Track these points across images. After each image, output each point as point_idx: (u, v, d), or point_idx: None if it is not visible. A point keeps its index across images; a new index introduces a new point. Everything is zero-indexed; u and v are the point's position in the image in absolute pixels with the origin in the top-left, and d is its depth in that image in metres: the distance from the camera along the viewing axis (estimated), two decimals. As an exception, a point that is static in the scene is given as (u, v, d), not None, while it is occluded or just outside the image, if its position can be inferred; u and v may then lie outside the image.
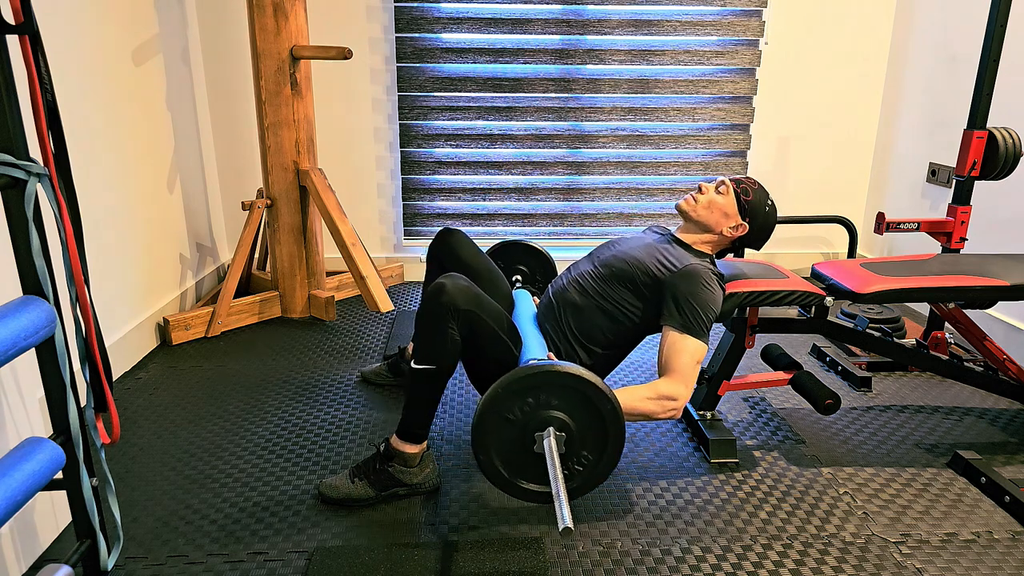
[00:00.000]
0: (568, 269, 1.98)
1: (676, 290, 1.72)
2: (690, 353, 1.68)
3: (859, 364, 2.54)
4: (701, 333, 1.69)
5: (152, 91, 2.70)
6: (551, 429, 1.50)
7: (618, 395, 1.61)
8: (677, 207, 1.91)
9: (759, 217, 1.86)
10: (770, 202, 1.87)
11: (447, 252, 2.09)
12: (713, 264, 1.87)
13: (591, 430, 1.52)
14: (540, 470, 1.55)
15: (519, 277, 2.49)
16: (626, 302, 1.81)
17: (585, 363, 1.84)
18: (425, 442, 1.75)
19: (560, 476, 1.38)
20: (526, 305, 2.06)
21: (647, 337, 2.82)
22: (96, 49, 2.31)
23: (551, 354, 1.76)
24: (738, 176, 1.91)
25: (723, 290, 1.78)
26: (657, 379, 1.70)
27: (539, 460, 1.54)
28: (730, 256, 2.18)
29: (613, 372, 2.51)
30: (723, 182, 1.88)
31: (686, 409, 2.13)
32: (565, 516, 1.28)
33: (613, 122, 3.49)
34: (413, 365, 1.65)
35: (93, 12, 2.29)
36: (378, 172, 3.50)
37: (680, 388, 1.66)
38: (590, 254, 1.97)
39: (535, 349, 1.74)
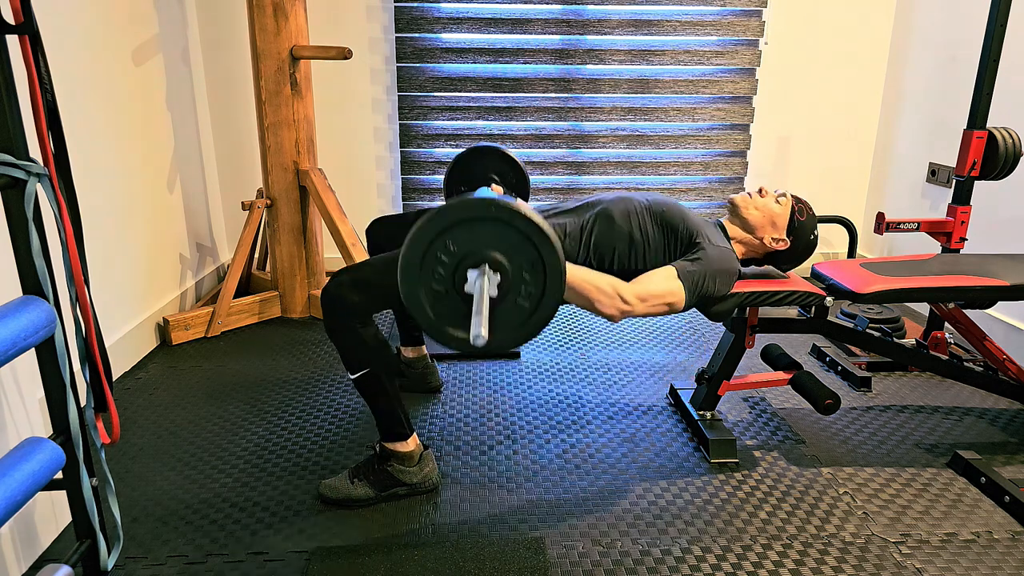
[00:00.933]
0: (610, 191, 1.94)
1: (707, 254, 1.73)
2: (670, 291, 1.67)
3: (859, 364, 2.54)
4: (690, 292, 1.69)
5: (152, 91, 2.70)
6: (485, 266, 1.30)
7: (572, 268, 1.56)
8: (730, 199, 1.93)
9: (803, 240, 1.89)
10: (816, 233, 1.90)
11: (381, 236, 2.14)
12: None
13: (528, 271, 1.32)
14: (468, 316, 1.36)
15: (496, 178, 2.38)
16: (654, 244, 1.79)
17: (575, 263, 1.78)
18: (415, 436, 1.75)
19: (485, 299, 1.24)
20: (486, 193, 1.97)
21: (654, 337, 2.82)
22: (96, 49, 2.31)
23: (497, 187, 1.63)
24: (799, 196, 1.93)
25: (731, 288, 1.80)
26: (623, 282, 1.65)
27: (470, 303, 1.34)
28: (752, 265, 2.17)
29: (616, 373, 2.51)
30: (784, 194, 1.92)
31: (686, 409, 2.13)
32: (482, 325, 1.16)
33: (613, 122, 3.49)
34: (350, 376, 1.66)
35: (93, 12, 2.29)
36: (378, 172, 3.50)
37: (637, 301, 1.63)
38: (642, 191, 1.95)
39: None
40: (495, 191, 2.12)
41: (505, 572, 1.50)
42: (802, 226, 1.89)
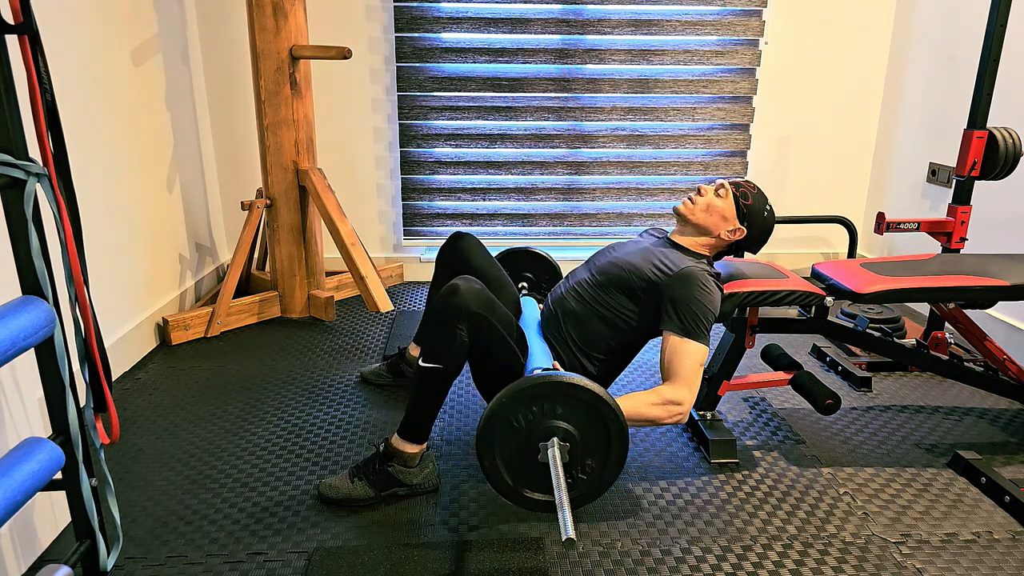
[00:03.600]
0: (566, 278, 1.98)
1: (674, 294, 1.72)
2: (692, 356, 1.67)
3: (859, 364, 2.54)
4: (701, 335, 1.68)
5: (152, 91, 2.70)
6: (555, 439, 1.50)
7: (622, 402, 1.61)
8: (675, 210, 1.91)
9: (757, 222, 1.87)
10: (768, 207, 1.88)
11: (457, 256, 2.10)
12: (710, 265, 1.87)
13: (595, 439, 1.53)
14: (544, 479, 1.55)
15: (525, 284, 2.48)
16: (624, 308, 1.81)
17: (589, 371, 1.84)
18: (425, 443, 1.75)
19: (563, 485, 1.38)
20: (532, 312, 2.06)
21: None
22: (96, 49, 2.31)
23: (556, 363, 1.75)
24: (737, 179, 1.91)
25: (721, 290, 1.78)
26: (661, 384, 1.69)
27: (543, 469, 1.54)
28: (729, 257, 2.18)
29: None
30: (722, 185, 1.88)
31: (686, 409, 2.13)
32: (568, 526, 1.28)
33: (613, 122, 3.49)
34: (420, 363, 1.65)
35: (93, 12, 2.29)
36: (378, 172, 3.50)
37: (684, 392, 1.66)
38: (588, 261, 1.97)
39: (540, 358, 1.74)
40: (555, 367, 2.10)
41: (505, 572, 1.50)
42: (751, 209, 1.86)
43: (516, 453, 1.53)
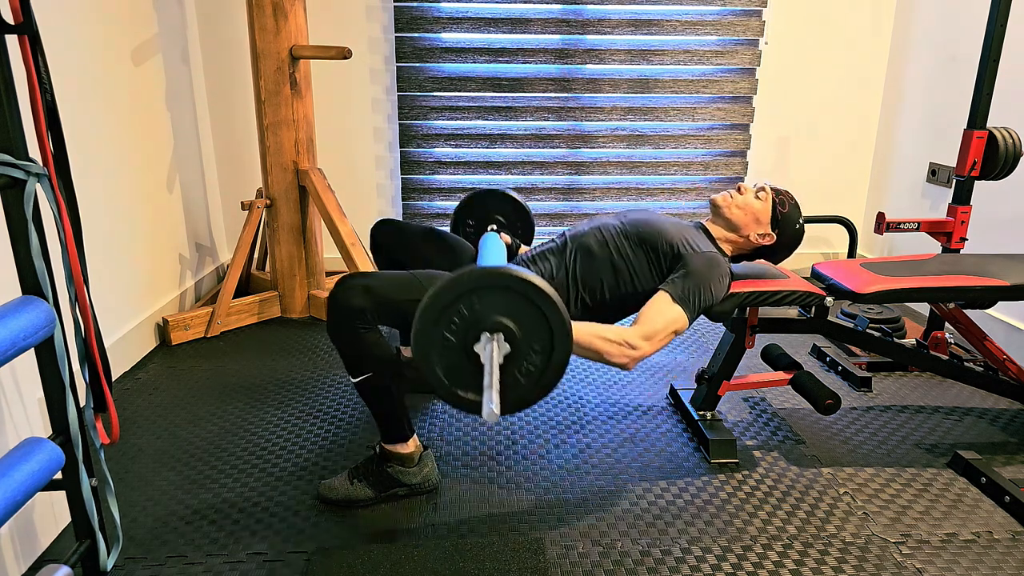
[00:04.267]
0: (590, 220, 1.96)
1: (690, 266, 1.73)
2: (672, 320, 1.66)
3: (859, 364, 2.53)
4: (691, 310, 1.68)
5: (152, 91, 2.70)
6: (499, 334, 1.36)
7: (577, 325, 1.57)
8: (712, 200, 1.92)
9: (788, 232, 1.89)
10: (801, 222, 1.90)
11: (385, 239, 2.13)
12: (729, 265, 1.87)
13: (536, 334, 1.37)
14: (480, 378, 1.39)
15: (494, 226, 2.40)
16: (639, 266, 1.80)
17: (571, 310, 1.81)
18: (415, 438, 1.74)
19: (496, 371, 1.28)
20: (492, 244, 2.03)
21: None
22: (96, 49, 2.31)
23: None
24: (779, 188, 1.92)
25: (728, 290, 1.79)
26: (626, 327, 1.66)
27: (481, 369, 1.38)
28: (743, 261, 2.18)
29: (616, 373, 2.50)
30: (763, 188, 1.90)
31: (686, 409, 2.13)
32: (493, 400, 1.19)
33: (613, 122, 3.49)
34: (352, 380, 1.65)
35: (93, 12, 2.29)
36: (378, 172, 3.50)
37: (644, 343, 1.62)
38: (617, 214, 1.96)
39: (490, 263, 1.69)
40: (503, 240, 2.13)
41: (505, 572, 1.50)
42: (786, 218, 1.88)
43: (452, 352, 1.39)
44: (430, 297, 1.35)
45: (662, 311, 1.67)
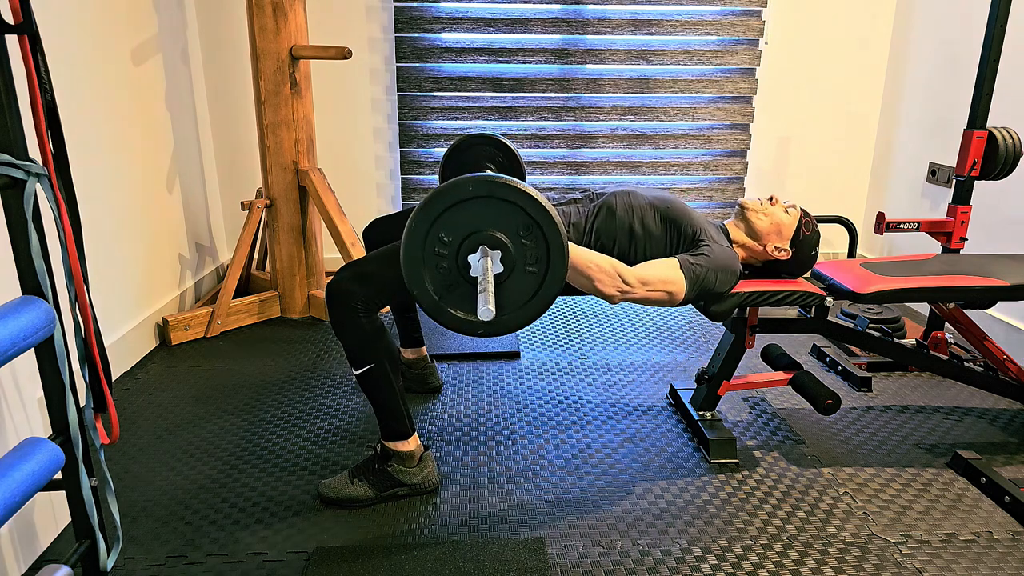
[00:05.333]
0: (621, 185, 1.96)
1: (707, 249, 1.75)
2: (670, 279, 1.68)
3: (859, 364, 2.53)
4: (691, 284, 1.70)
5: (152, 91, 2.70)
6: (485, 247, 1.32)
7: (575, 247, 1.59)
8: (741, 203, 1.94)
9: (804, 253, 1.92)
10: (817, 251, 1.94)
11: (378, 237, 2.14)
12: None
13: (524, 234, 1.33)
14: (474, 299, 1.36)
15: (492, 166, 2.40)
16: (655, 241, 1.81)
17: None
18: (415, 436, 1.74)
19: (491, 278, 1.25)
20: None
21: (654, 337, 2.82)
22: (96, 49, 2.31)
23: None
24: (806, 210, 1.96)
25: (731, 288, 1.80)
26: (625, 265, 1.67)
27: (475, 288, 1.35)
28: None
29: (616, 373, 2.50)
30: (794, 205, 1.93)
31: (686, 409, 2.13)
32: (489, 301, 1.17)
33: (613, 122, 3.49)
34: (354, 373, 1.66)
35: (93, 12, 2.29)
36: (377, 172, 3.50)
37: (637, 284, 1.64)
38: (646, 187, 1.96)
39: None
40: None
41: (505, 572, 1.50)
42: (806, 239, 1.91)
43: (448, 276, 1.36)
44: (408, 226, 1.29)
45: (664, 267, 1.69)
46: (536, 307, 1.39)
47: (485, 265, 1.28)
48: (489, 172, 2.02)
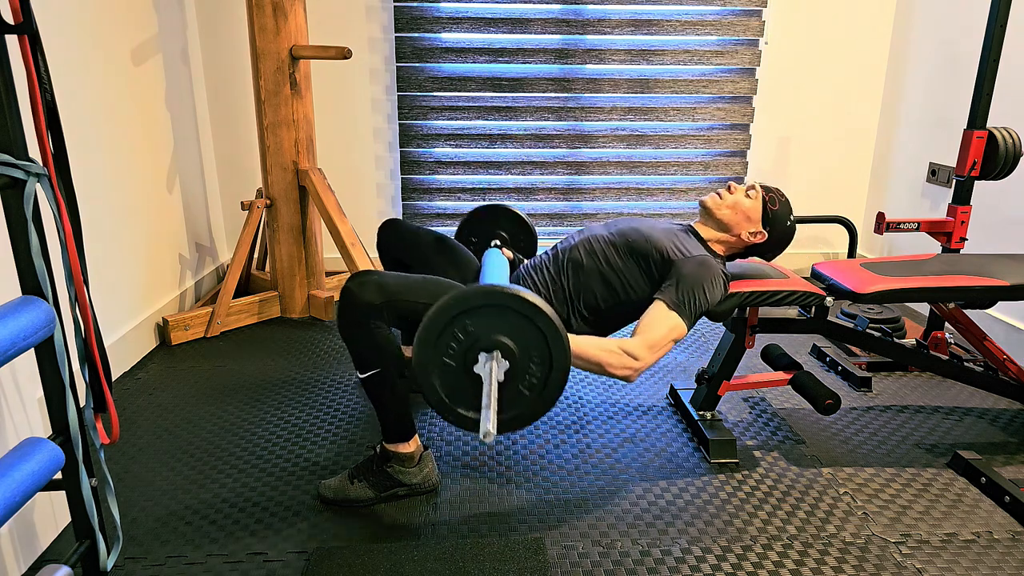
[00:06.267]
0: (580, 231, 1.97)
1: (683, 271, 1.72)
2: (670, 327, 1.66)
3: (859, 364, 2.53)
4: (688, 316, 1.68)
5: (151, 91, 2.70)
6: (497, 352, 1.38)
7: (577, 339, 1.59)
8: (701, 203, 1.92)
9: (779, 229, 1.88)
10: (793, 218, 1.90)
11: (391, 240, 2.13)
12: (724, 265, 1.87)
13: (534, 353, 1.40)
14: (479, 396, 1.43)
15: (498, 241, 2.43)
16: (630, 275, 1.80)
17: (568, 322, 1.83)
18: (416, 437, 1.74)
19: (494, 391, 1.30)
20: (494, 260, 2.03)
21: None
22: (96, 49, 2.31)
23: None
24: (768, 185, 1.92)
25: (725, 291, 1.79)
26: (627, 338, 1.66)
27: (479, 387, 1.41)
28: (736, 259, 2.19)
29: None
30: (753, 186, 1.89)
31: (686, 409, 2.13)
32: (489, 421, 1.21)
33: (613, 122, 3.49)
34: (359, 376, 1.65)
35: (93, 12, 2.29)
36: (377, 172, 3.50)
37: (646, 353, 1.63)
38: (606, 223, 1.96)
39: (491, 280, 1.71)
40: (505, 255, 2.14)
41: (505, 572, 1.50)
42: (776, 215, 1.87)
43: (452, 373, 1.42)
44: (428, 319, 1.38)
45: (660, 320, 1.67)
46: (539, 407, 1.44)
47: (491, 368, 1.35)
48: (496, 248, 2.10)
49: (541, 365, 1.41)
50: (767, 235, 1.88)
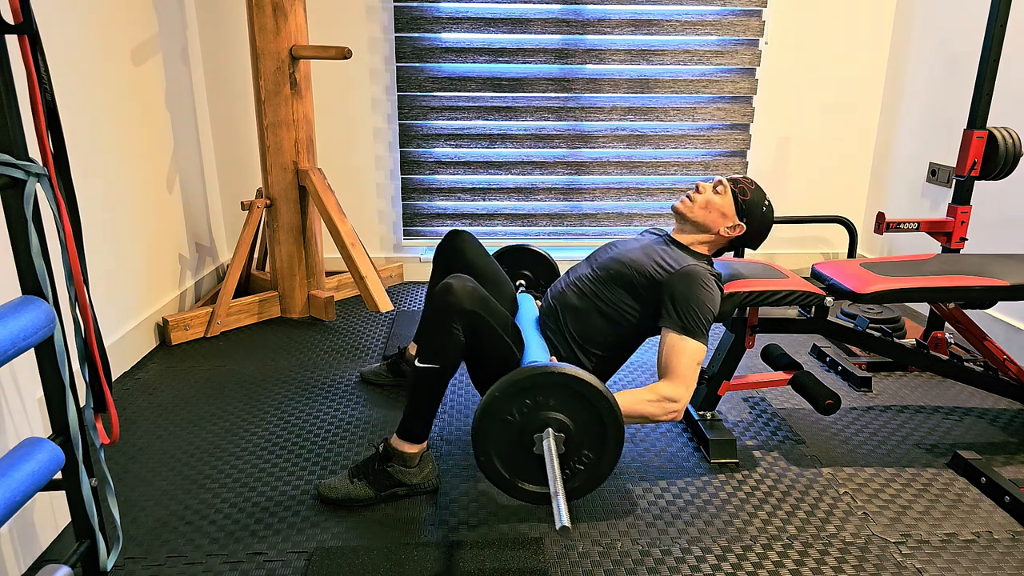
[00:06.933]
0: (567, 273, 1.98)
1: (674, 291, 1.72)
2: (689, 354, 1.67)
3: (859, 364, 2.53)
4: (700, 334, 1.69)
5: (151, 91, 2.70)
6: (550, 430, 1.50)
7: (618, 397, 1.61)
8: (673, 208, 1.90)
9: (756, 217, 1.86)
10: (767, 202, 1.87)
11: (453, 253, 2.10)
12: (710, 264, 1.87)
13: (590, 429, 1.53)
14: (540, 471, 1.56)
15: (523, 282, 2.48)
16: (624, 304, 1.81)
17: (586, 366, 1.84)
18: (425, 442, 1.74)
19: (558, 475, 1.38)
20: (529, 309, 2.06)
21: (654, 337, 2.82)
22: (96, 49, 2.31)
23: (553, 357, 1.75)
24: (735, 176, 1.91)
25: (721, 290, 1.78)
26: (657, 381, 1.69)
27: (539, 461, 1.54)
28: (729, 256, 2.19)
29: (616, 373, 2.50)
30: (720, 182, 1.87)
31: (686, 409, 2.13)
32: (563, 514, 1.28)
33: (613, 122, 3.49)
34: (417, 364, 1.64)
35: (93, 12, 2.29)
36: (377, 172, 3.50)
37: (680, 390, 1.66)
38: (588, 257, 1.97)
39: (536, 352, 1.74)
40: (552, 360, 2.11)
41: (505, 572, 1.50)
42: (750, 204, 1.85)
43: (511, 446, 1.53)
44: (487, 400, 1.50)
45: (678, 351, 1.68)
46: (599, 475, 1.58)
47: (550, 449, 1.46)
48: (528, 295, 2.19)
49: (597, 439, 1.55)
50: (745, 226, 1.86)
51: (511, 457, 1.54)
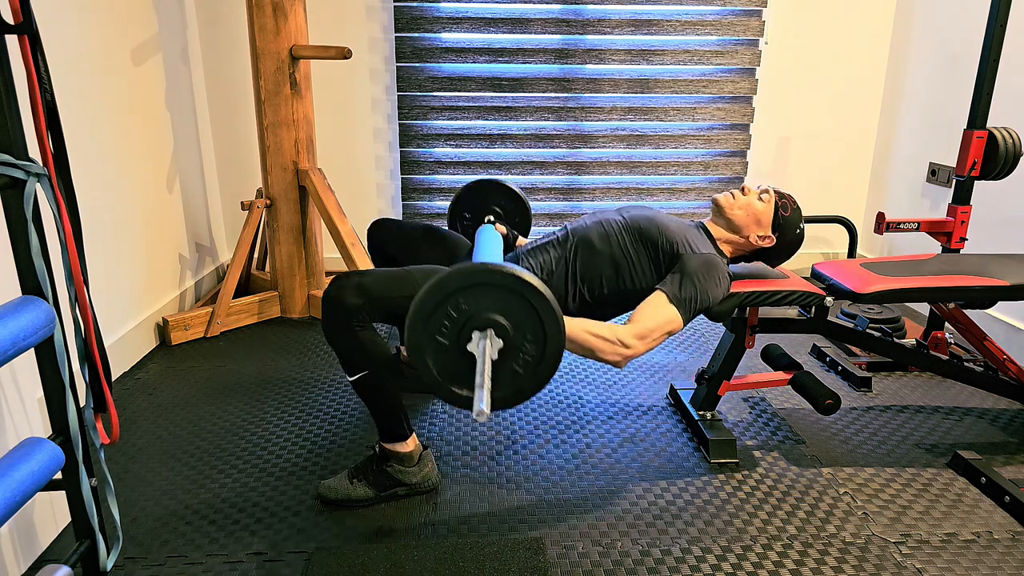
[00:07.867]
0: (593, 213, 1.96)
1: (688, 267, 1.72)
2: (667, 320, 1.66)
3: (859, 364, 2.53)
4: (686, 311, 1.68)
5: (151, 91, 2.70)
6: (489, 331, 1.37)
7: (571, 321, 1.58)
8: (714, 200, 1.91)
9: (788, 236, 1.89)
10: (802, 226, 1.90)
11: (382, 239, 2.13)
12: (728, 266, 1.87)
13: (528, 332, 1.39)
14: (472, 375, 1.42)
15: (491, 217, 2.39)
16: (638, 262, 1.80)
17: (566, 304, 1.82)
18: (414, 437, 1.74)
19: (487, 370, 1.29)
20: (488, 237, 2.02)
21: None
22: (96, 49, 2.31)
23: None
24: (782, 191, 1.92)
25: (727, 291, 1.79)
26: (620, 324, 1.66)
27: (473, 365, 1.41)
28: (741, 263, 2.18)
29: (616, 373, 2.50)
30: (767, 190, 1.90)
31: (686, 409, 2.13)
32: (484, 399, 1.21)
33: (613, 122, 3.49)
34: (348, 379, 1.66)
35: (93, 12, 2.29)
36: (377, 172, 3.50)
37: (637, 342, 1.63)
38: (618, 208, 1.95)
39: (483, 257, 1.70)
40: (498, 230, 2.12)
41: (505, 572, 1.50)
42: (787, 221, 1.88)
43: (447, 348, 1.40)
44: (418, 300, 1.36)
45: (657, 311, 1.67)
46: (533, 385, 1.43)
47: (485, 347, 1.34)
48: (497, 229, 2.05)
49: (535, 343, 1.39)
50: (775, 240, 1.88)
51: (447, 363, 1.41)
